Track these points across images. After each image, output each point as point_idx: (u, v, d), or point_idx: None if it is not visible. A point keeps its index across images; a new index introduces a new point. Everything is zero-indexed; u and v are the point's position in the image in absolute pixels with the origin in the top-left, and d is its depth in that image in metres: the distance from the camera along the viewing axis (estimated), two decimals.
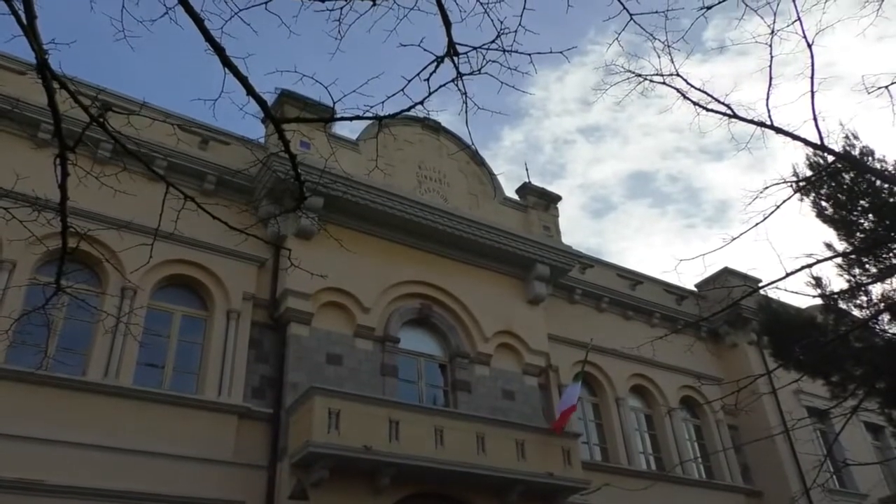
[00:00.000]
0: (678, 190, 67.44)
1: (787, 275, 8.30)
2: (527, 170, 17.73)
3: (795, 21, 7.69)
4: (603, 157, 67.39)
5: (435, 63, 4.23)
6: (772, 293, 11.31)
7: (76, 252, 5.33)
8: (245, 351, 11.83)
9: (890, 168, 10.34)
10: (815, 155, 10.77)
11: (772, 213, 8.29)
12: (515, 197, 16.79)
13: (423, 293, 14.13)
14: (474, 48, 4.22)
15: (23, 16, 3.94)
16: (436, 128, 15.64)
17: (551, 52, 4.21)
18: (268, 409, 11.52)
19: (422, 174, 15.14)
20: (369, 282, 13.25)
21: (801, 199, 10.80)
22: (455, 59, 4.26)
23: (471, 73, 4.28)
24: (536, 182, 17.26)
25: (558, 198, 17.10)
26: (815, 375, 11.40)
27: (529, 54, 4.28)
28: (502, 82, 4.31)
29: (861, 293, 10.75)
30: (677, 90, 8.48)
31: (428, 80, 4.25)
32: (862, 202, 10.57)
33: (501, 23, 4.22)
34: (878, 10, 7.14)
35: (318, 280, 9.01)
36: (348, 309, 12.94)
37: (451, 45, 4.22)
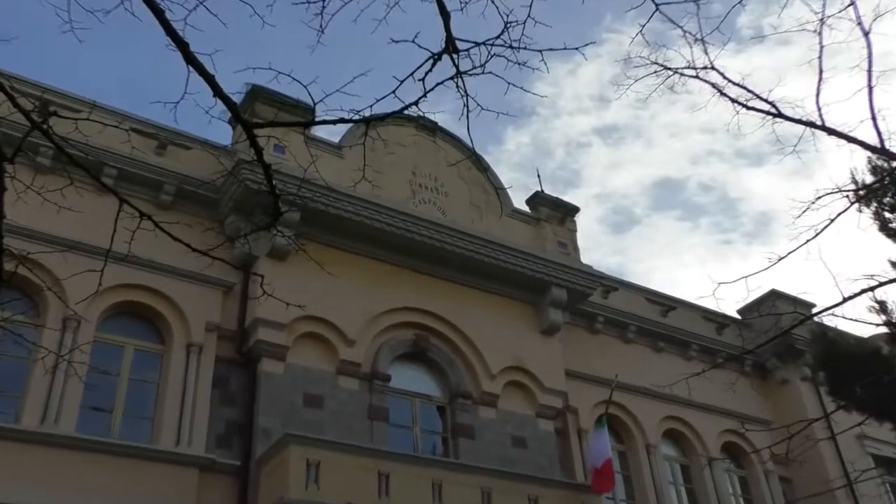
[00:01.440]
0: (712, 200, 67.60)
1: (846, 299, 8.37)
2: (538, 177, 17.52)
3: (849, 6, 7.84)
4: (623, 161, 67.58)
5: (431, 61, 4.29)
6: (828, 320, 11.34)
7: (13, 278, 5.37)
8: (208, 391, 11.82)
9: None
10: (877, 159, 10.87)
11: (825, 227, 8.40)
12: (525, 208, 16.86)
13: (418, 322, 14.15)
14: (477, 44, 4.28)
15: None
16: (432, 128, 15.70)
17: (565, 49, 4.27)
18: (235, 461, 11.49)
19: (416, 182, 15.21)
20: (354, 309, 13.28)
21: (860, 211, 10.86)
22: (454, 55, 4.32)
23: (472, 71, 4.35)
24: (548, 191, 17.25)
25: (576, 209, 17.16)
26: (882, 418, 11.42)
27: (541, 51, 4.34)
28: (509, 83, 4.38)
29: None
30: (713, 85, 8.64)
31: (423, 79, 4.31)
32: None
33: (507, 15, 4.29)
34: None
35: (294, 308, 9.03)
36: (329, 341, 12.95)
37: (450, 40, 4.28)
